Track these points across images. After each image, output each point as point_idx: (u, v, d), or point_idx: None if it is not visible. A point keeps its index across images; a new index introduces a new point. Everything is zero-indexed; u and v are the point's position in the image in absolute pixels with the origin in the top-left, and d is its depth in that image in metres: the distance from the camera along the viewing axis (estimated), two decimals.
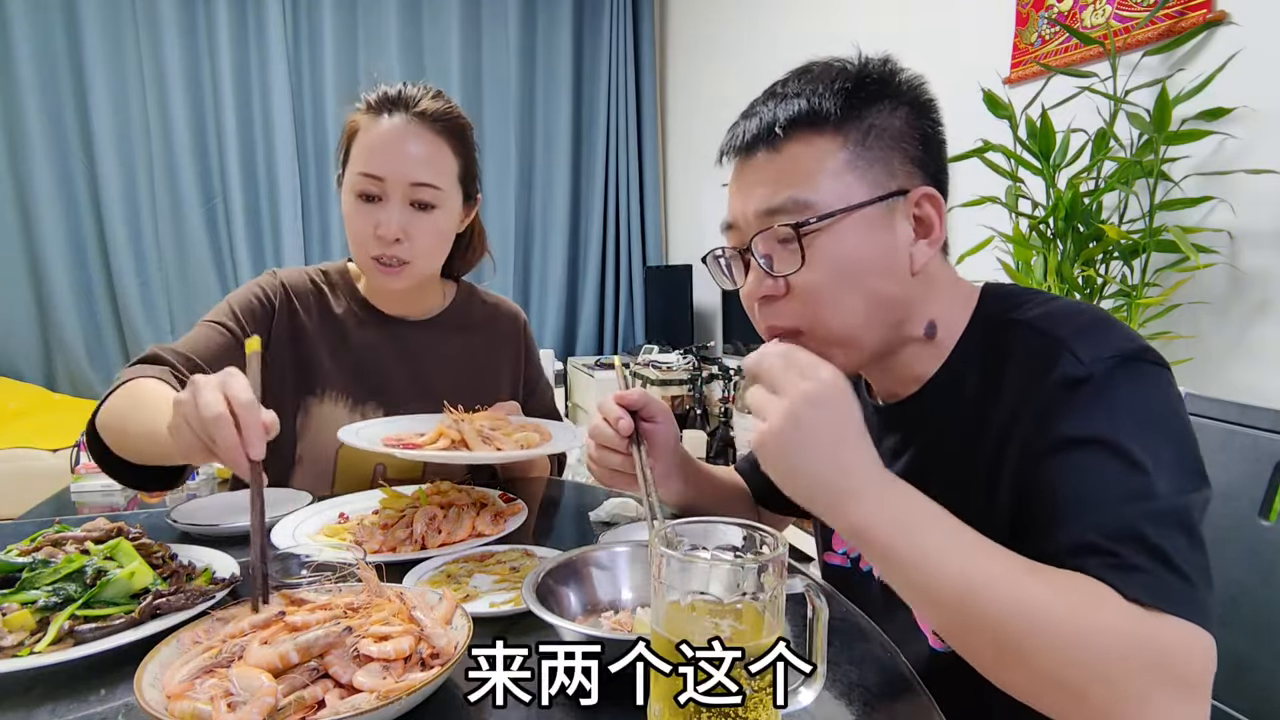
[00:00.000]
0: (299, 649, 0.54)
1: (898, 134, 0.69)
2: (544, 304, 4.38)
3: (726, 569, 0.48)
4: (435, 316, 1.24)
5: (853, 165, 0.68)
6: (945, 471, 0.68)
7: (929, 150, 0.71)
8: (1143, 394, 0.59)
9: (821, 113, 0.68)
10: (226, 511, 0.98)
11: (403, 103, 1.08)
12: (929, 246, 0.70)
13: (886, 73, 0.72)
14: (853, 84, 0.69)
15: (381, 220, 1.06)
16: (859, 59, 0.72)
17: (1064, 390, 0.60)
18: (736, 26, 3.58)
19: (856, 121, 0.68)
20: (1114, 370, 0.60)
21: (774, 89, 0.73)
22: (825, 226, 0.67)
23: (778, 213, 0.68)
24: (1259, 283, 1.53)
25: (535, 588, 0.64)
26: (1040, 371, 0.62)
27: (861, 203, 0.67)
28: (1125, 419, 0.58)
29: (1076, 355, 0.61)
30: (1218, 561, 0.55)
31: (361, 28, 3.89)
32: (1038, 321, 0.66)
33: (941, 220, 0.70)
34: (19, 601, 0.66)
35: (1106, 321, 0.65)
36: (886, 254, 0.68)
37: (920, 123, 0.71)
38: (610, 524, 0.97)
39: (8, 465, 2.71)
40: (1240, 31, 1.53)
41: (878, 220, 0.68)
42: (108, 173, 3.50)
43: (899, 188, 0.69)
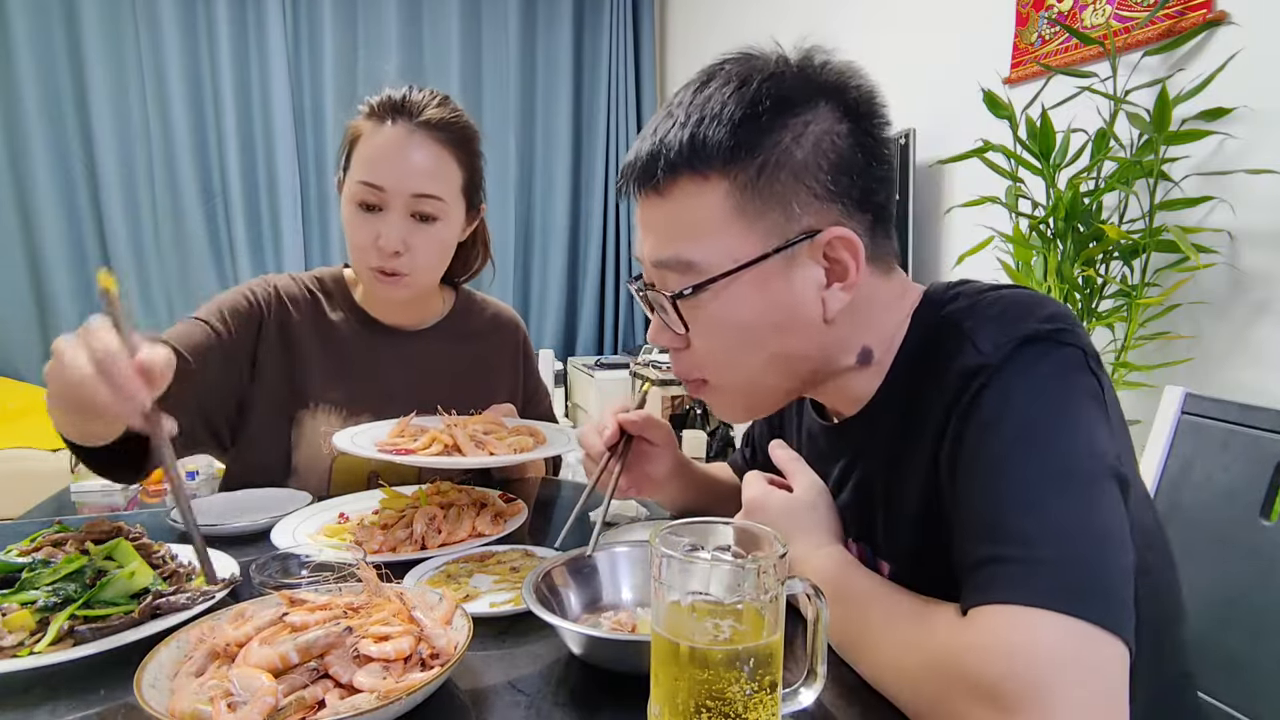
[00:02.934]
0: (299, 649, 0.53)
1: (800, 167, 0.59)
2: (544, 304, 4.38)
3: (726, 569, 0.48)
4: (433, 326, 1.21)
5: (741, 213, 0.60)
6: (889, 485, 0.66)
7: (848, 174, 0.60)
8: (1034, 383, 0.55)
9: (705, 152, 0.59)
10: (226, 511, 0.98)
11: (406, 109, 1.05)
12: (844, 291, 0.62)
13: (797, 79, 0.61)
14: (744, 112, 0.59)
15: (382, 232, 1.03)
16: (772, 63, 0.62)
17: (963, 384, 0.56)
18: (736, 27, 3.58)
19: (746, 160, 0.59)
20: (1010, 357, 0.55)
21: (670, 107, 0.63)
22: (708, 291, 0.61)
23: (665, 269, 0.63)
24: (1259, 283, 1.53)
25: (535, 588, 0.64)
26: (947, 368, 0.58)
27: (749, 261, 0.60)
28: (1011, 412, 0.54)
29: (977, 344, 0.57)
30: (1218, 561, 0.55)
31: (361, 28, 3.89)
32: (955, 314, 0.61)
33: (858, 262, 0.61)
34: (19, 601, 0.66)
35: (1025, 305, 0.59)
36: (787, 309, 0.62)
37: (838, 141, 0.60)
38: (610, 524, 0.97)
39: (8, 465, 2.71)
40: (1240, 31, 1.53)
41: (772, 273, 0.61)
42: (108, 173, 3.50)
43: (804, 230, 0.60)
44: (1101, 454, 0.53)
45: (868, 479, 0.70)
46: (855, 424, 0.70)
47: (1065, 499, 0.51)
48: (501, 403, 1.15)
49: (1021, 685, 0.45)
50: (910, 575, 0.63)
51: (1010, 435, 0.54)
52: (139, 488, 2.49)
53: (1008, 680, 0.45)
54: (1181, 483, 0.96)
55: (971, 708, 0.47)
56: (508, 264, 4.23)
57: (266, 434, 1.11)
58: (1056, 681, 0.44)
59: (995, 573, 0.50)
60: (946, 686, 0.49)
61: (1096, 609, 0.46)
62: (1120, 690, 0.46)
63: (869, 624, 0.58)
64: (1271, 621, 0.85)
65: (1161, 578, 0.66)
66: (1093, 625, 0.46)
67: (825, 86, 0.61)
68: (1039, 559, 0.48)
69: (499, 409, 1.10)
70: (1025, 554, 0.49)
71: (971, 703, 0.47)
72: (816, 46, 0.63)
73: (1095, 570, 0.48)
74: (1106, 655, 0.46)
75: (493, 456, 0.92)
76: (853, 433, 0.71)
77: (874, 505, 0.69)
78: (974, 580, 0.51)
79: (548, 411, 1.33)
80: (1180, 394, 1.00)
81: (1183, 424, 0.99)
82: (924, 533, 0.62)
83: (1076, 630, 0.46)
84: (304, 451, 1.11)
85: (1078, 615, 0.46)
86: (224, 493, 1.09)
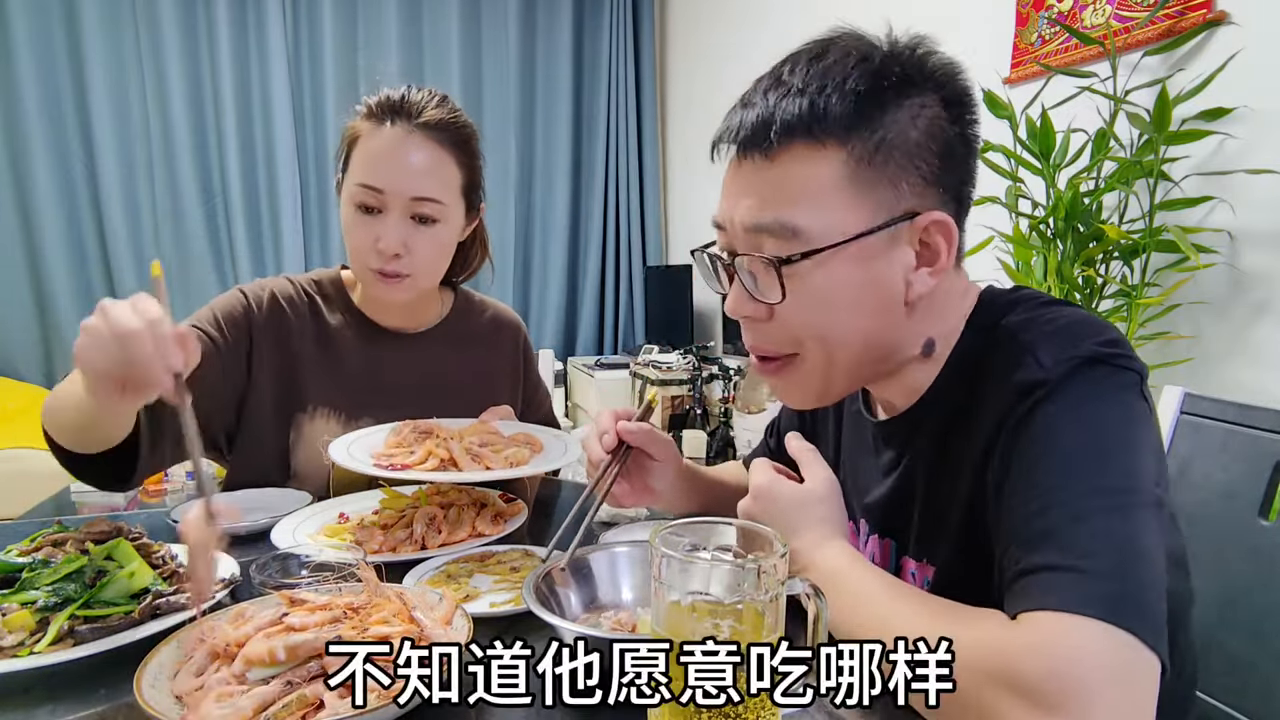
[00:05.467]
0: (287, 648, 0.53)
1: (914, 148, 0.60)
2: (544, 304, 4.38)
3: (726, 569, 0.48)
4: (432, 329, 1.20)
5: (854, 185, 0.60)
6: (931, 484, 0.67)
7: (951, 162, 0.62)
8: (1094, 404, 0.56)
9: (825, 120, 0.59)
10: None
11: (405, 110, 1.04)
12: (931, 276, 0.63)
13: (914, 63, 0.62)
14: (868, 84, 0.60)
15: (381, 234, 1.03)
16: (886, 43, 0.63)
17: (1020, 397, 0.57)
18: (736, 27, 3.58)
19: (866, 133, 0.59)
20: (1070, 374, 0.56)
21: (780, 74, 0.63)
22: (813, 259, 0.60)
23: (764, 233, 0.62)
24: (1259, 283, 1.53)
25: (535, 588, 0.64)
26: (1004, 379, 0.59)
27: (857, 234, 0.60)
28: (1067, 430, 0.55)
29: (1039, 359, 0.57)
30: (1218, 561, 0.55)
31: (361, 28, 3.89)
32: (1014, 326, 0.62)
33: (950, 249, 0.62)
34: (19, 601, 0.66)
35: (1085, 324, 0.60)
36: (880, 287, 0.62)
37: (946, 128, 0.62)
38: (610, 524, 0.97)
39: (8, 465, 2.71)
40: (1240, 31, 1.53)
41: (875, 250, 0.61)
42: (108, 173, 3.50)
43: (906, 211, 0.61)
44: (1149, 480, 0.54)
45: (909, 476, 0.70)
46: (904, 420, 0.71)
47: (1114, 517, 0.52)
48: (501, 405, 1.14)
49: (1064, 686, 0.46)
50: (943, 576, 0.63)
51: (1066, 451, 0.55)
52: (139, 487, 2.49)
53: (1051, 680, 0.46)
54: (1180, 483, 0.96)
55: (1009, 703, 0.47)
56: (508, 264, 4.23)
57: (265, 438, 1.10)
58: (1098, 687, 0.46)
59: (1049, 580, 0.51)
60: (984, 681, 0.49)
61: (1140, 624, 0.48)
62: (1151, 703, 0.47)
63: (888, 616, 0.57)
64: (1271, 621, 0.85)
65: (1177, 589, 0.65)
66: (1136, 638, 0.47)
67: (935, 75, 0.62)
68: (1091, 570, 0.50)
69: (496, 411, 1.09)
70: (1078, 564, 0.50)
71: (1011, 699, 0.47)
72: (921, 36, 0.64)
73: (1140, 587, 0.50)
74: (1145, 668, 0.47)
75: (489, 471, 0.90)
76: (902, 428, 0.71)
77: (911, 502, 0.69)
78: (1025, 586, 0.52)
79: (548, 413, 1.33)
80: (1179, 394, 1.00)
81: (1182, 424, 0.99)
82: (962, 535, 0.62)
83: (1122, 641, 0.47)
84: (303, 455, 1.10)
85: (1124, 627, 0.47)
86: (224, 493, 1.09)
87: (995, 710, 0.48)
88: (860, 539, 0.78)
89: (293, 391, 1.11)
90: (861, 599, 0.59)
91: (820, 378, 0.66)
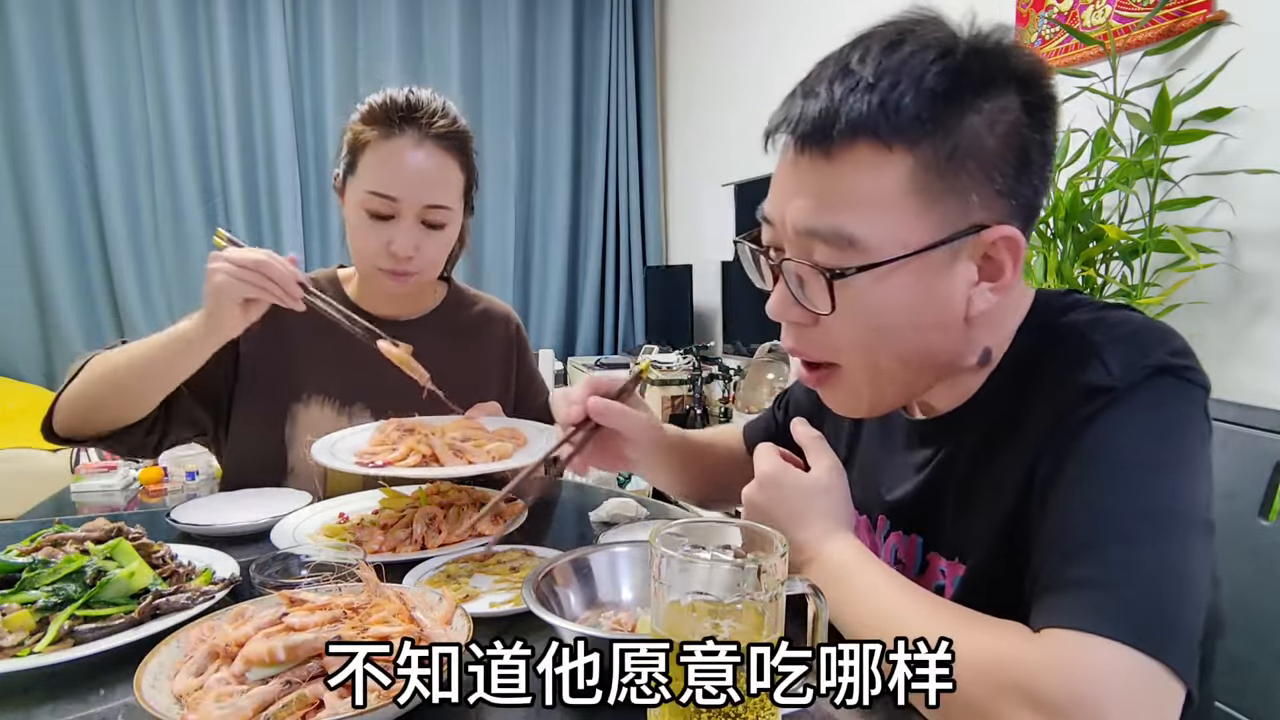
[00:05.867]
0: (287, 648, 0.53)
1: (990, 157, 0.55)
2: (544, 304, 4.38)
3: (726, 569, 0.48)
4: (424, 317, 1.23)
5: (920, 195, 0.55)
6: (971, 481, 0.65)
7: (1027, 172, 0.56)
8: (1158, 418, 0.53)
9: (896, 122, 0.53)
10: (227, 511, 0.98)
11: (414, 119, 1.07)
12: (993, 293, 0.58)
13: (998, 57, 0.55)
14: (947, 84, 0.53)
15: (395, 239, 1.06)
16: (969, 32, 0.56)
17: (1084, 399, 0.54)
18: (737, 26, 3.58)
19: (939, 140, 0.54)
20: (1139, 384, 0.53)
21: (848, 62, 0.56)
22: (870, 273, 0.56)
23: (816, 238, 0.57)
24: (1259, 283, 1.53)
25: (535, 588, 0.64)
26: (1067, 379, 0.56)
27: (919, 249, 0.55)
28: (1127, 441, 0.53)
29: (1106, 364, 0.54)
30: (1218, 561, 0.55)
31: (361, 28, 3.89)
32: (1079, 326, 0.59)
33: (1017, 265, 0.57)
34: (19, 601, 0.66)
35: (1154, 331, 0.57)
36: (937, 303, 0.58)
37: (1025, 135, 0.56)
38: (610, 524, 0.97)
39: (8, 465, 2.70)
40: (1240, 31, 1.53)
41: (935, 265, 0.56)
42: (108, 173, 3.50)
43: (972, 224, 0.56)
44: (1202, 502, 0.53)
45: (945, 471, 0.67)
46: (948, 419, 0.67)
47: (1162, 540, 0.50)
48: (491, 397, 1.15)
49: (1085, 709, 0.45)
50: (975, 574, 0.62)
51: (1123, 463, 0.52)
52: (139, 487, 2.49)
53: (1070, 700, 0.45)
54: None
55: (1023, 717, 0.46)
56: (508, 264, 4.23)
57: (260, 428, 1.12)
58: (1117, 713, 0.45)
59: (1084, 598, 0.49)
60: (1000, 691, 0.48)
61: (1171, 652, 0.46)
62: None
63: (897, 615, 0.56)
64: (1271, 622, 0.85)
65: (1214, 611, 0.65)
66: (1164, 667, 0.46)
67: (1018, 73, 0.56)
68: (1128, 593, 0.48)
69: (484, 407, 1.09)
70: (1116, 583, 0.49)
71: (1025, 713, 0.46)
72: (1006, 25, 0.57)
73: (1177, 614, 0.48)
74: (1169, 697, 0.47)
75: (471, 466, 0.90)
76: (944, 427, 0.68)
77: (945, 498, 0.67)
78: (1060, 600, 0.50)
79: (544, 406, 1.32)
80: None
81: None
82: (1002, 532, 0.60)
83: (1149, 669, 0.46)
84: (299, 447, 1.12)
85: (1153, 655, 0.46)
86: (224, 492, 1.09)
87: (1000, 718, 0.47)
88: (878, 535, 0.76)
89: (288, 380, 1.13)
90: (870, 596, 0.59)
91: (868, 389, 0.63)
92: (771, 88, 2.59)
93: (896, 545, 0.73)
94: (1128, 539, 0.50)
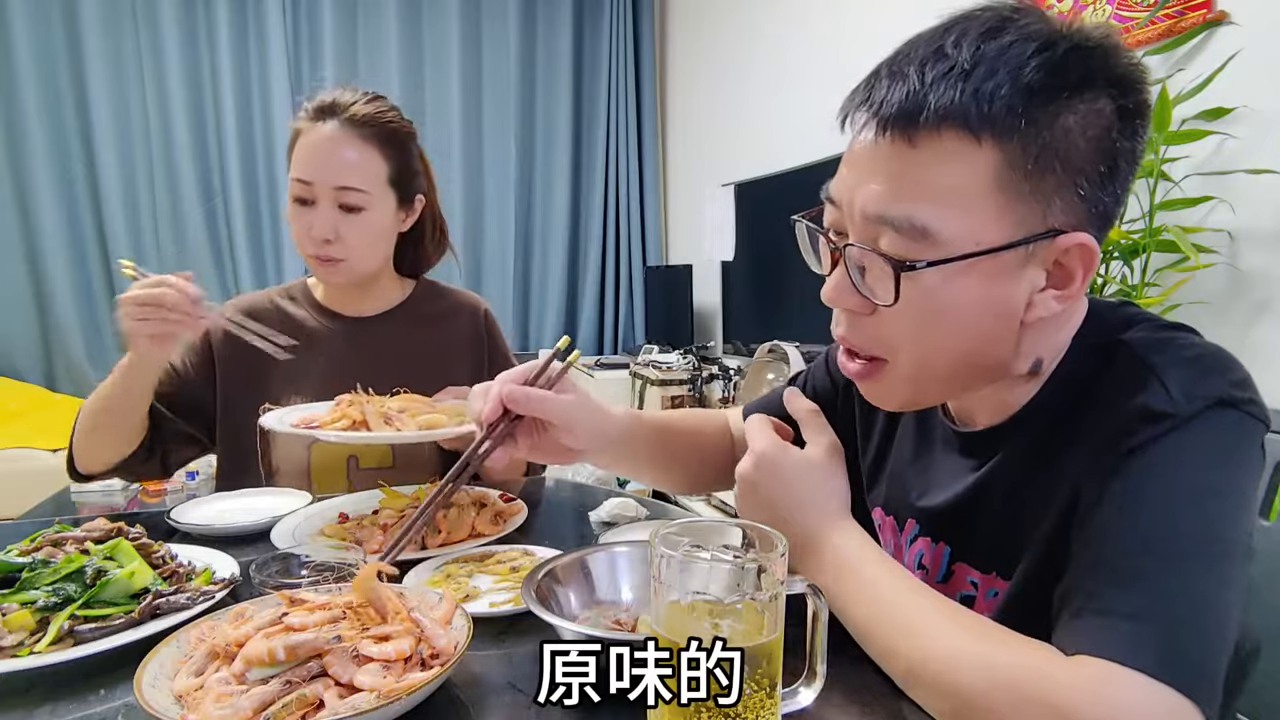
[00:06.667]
0: (286, 648, 0.54)
1: (1078, 161, 0.53)
2: (544, 304, 4.38)
3: (726, 569, 0.48)
4: (389, 311, 1.27)
5: (1003, 192, 0.52)
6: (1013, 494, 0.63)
7: (1112, 180, 0.54)
8: (1217, 452, 0.52)
9: (990, 114, 0.51)
10: (227, 511, 0.98)
11: (334, 109, 1.15)
12: (1057, 301, 0.56)
13: (1099, 58, 0.53)
14: (1046, 79, 0.51)
15: (313, 222, 1.12)
16: (1071, 29, 0.53)
17: (1143, 422, 0.53)
18: (737, 26, 3.58)
19: (1030, 136, 0.52)
20: (1201, 414, 0.52)
21: (942, 46, 0.54)
22: (942, 269, 0.54)
23: (886, 225, 0.54)
24: (1259, 283, 1.53)
25: (535, 588, 0.64)
26: (1123, 400, 0.54)
27: (992, 249, 0.53)
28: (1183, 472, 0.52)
29: (1168, 389, 0.53)
30: None
31: (361, 28, 3.89)
32: (1140, 346, 0.57)
33: (1087, 276, 0.55)
34: (19, 601, 0.66)
35: (1217, 358, 0.56)
36: (1001, 306, 0.56)
37: (1116, 141, 0.53)
38: (610, 524, 0.97)
39: (8, 465, 2.71)
40: (1240, 31, 1.53)
41: (1006, 267, 0.54)
42: (108, 173, 3.50)
43: (1050, 228, 0.54)
44: (1247, 533, 0.53)
45: (988, 484, 0.65)
46: (995, 434, 0.65)
47: (1204, 572, 0.50)
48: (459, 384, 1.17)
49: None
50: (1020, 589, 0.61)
51: (1175, 493, 0.52)
52: (139, 487, 2.50)
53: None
54: None
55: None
56: (508, 264, 4.23)
57: (243, 433, 1.17)
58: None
59: (1123, 627, 0.49)
60: (1025, 707, 0.48)
61: (1199, 688, 0.47)
62: None
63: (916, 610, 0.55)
64: (1272, 622, 0.85)
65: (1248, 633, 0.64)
66: (1191, 702, 0.46)
67: (1115, 75, 0.54)
68: (1168, 628, 0.48)
69: (452, 391, 1.13)
70: (1157, 616, 0.49)
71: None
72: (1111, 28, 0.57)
73: (1210, 650, 0.49)
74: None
75: (399, 433, 0.97)
76: (991, 441, 0.66)
77: (984, 511, 0.65)
78: (1097, 623, 0.50)
79: None
80: None
81: None
82: (1045, 554, 0.59)
83: (1176, 704, 0.46)
84: (281, 449, 1.17)
85: (1183, 691, 0.46)
86: (224, 492, 1.09)
87: None
88: (904, 538, 0.75)
89: (264, 387, 1.18)
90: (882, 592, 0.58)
91: (911, 386, 0.61)
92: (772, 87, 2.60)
93: (922, 551, 0.72)
94: (1171, 570, 0.50)
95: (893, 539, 0.76)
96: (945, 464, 0.71)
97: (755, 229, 3.31)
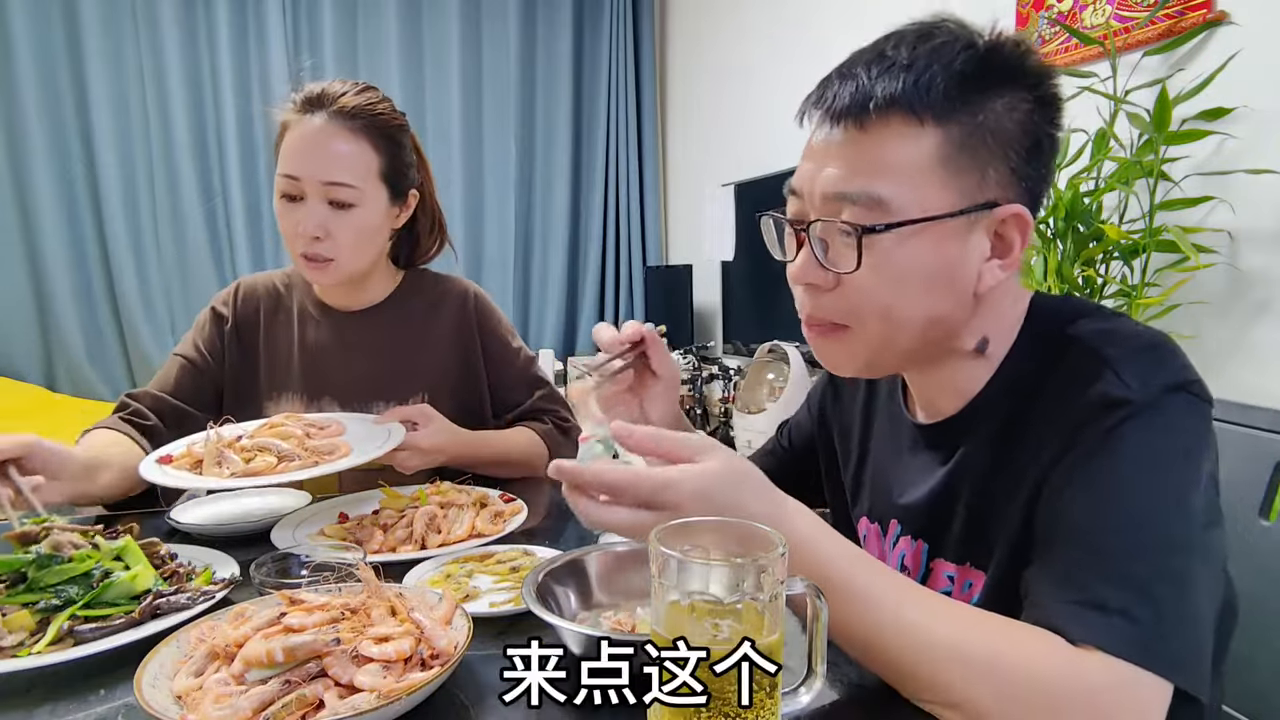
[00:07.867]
0: (285, 649, 0.54)
1: (1007, 137, 0.61)
2: (544, 304, 4.37)
3: (726, 569, 0.48)
4: (378, 304, 1.24)
5: (945, 167, 0.60)
6: (981, 489, 0.66)
7: (1038, 158, 0.63)
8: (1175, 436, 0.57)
9: (928, 98, 0.59)
10: (227, 511, 0.98)
11: (324, 101, 1.10)
12: (1002, 269, 0.63)
13: (1016, 58, 0.62)
14: (974, 67, 0.60)
15: (301, 220, 1.09)
16: (991, 32, 0.63)
17: (1102, 410, 0.57)
18: (736, 26, 3.57)
19: (965, 116, 0.60)
20: (1156, 400, 0.56)
21: (883, 50, 0.63)
22: (895, 233, 0.60)
23: (845, 201, 0.61)
24: (1259, 283, 1.53)
25: (535, 588, 0.64)
26: (1080, 390, 0.59)
27: (941, 214, 0.60)
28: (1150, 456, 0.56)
29: (1121, 376, 0.57)
30: None
31: (361, 28, 3.88)
32: (1090, 338, 0.62)
33: (1023, 244, 0.63)
34: (19, 602, 0.66)
35: (1164, 348, 0.61)
36: (952, 269, 0.62)
37: (1037, 124, 0.62)
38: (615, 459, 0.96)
39: None
40: (1240, 31, 1.53)
41: (954, 233, 0.61)
42: (108, 173, 3.49)
43: (987, 200, 0.61)
44: (1213, 507, 0.57)
45: (955, 479, 0.69)
46: (953, 424, 0.70)
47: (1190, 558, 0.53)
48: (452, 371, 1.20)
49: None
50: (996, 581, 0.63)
51: (1151, 478, 0.55)
52: None
53: None
54: None
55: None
56: (508, 264, 4.23)
57: None
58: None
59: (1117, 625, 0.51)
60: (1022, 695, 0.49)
61: (1192, 676, 0.50)
62: None
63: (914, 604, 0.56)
64: (1271, 621, 0.85)
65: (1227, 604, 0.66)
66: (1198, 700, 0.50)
67: (1029, 69, 0.63)
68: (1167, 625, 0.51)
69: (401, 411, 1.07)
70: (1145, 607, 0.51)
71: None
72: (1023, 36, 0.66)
73: (1196, 634, 0.52)
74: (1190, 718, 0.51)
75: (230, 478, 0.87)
76: (949, 432, 0.70)
77: (954, 506, 0.68)
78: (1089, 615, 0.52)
79: (530, 375, 1.31)
80: None
81: None
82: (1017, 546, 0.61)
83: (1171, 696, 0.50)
84: None
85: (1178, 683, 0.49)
86: (224, 492, 1.09)
87: None
88: (889, 539, 0.77)
89: (260, 378, 1.18)
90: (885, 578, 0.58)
91: (869, 350, 0.66)
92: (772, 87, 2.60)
93: (905, 552, 0.74)
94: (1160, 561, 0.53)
95: (877, 546, 0.78)
96: (915, 461, 0.74)
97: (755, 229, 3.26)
